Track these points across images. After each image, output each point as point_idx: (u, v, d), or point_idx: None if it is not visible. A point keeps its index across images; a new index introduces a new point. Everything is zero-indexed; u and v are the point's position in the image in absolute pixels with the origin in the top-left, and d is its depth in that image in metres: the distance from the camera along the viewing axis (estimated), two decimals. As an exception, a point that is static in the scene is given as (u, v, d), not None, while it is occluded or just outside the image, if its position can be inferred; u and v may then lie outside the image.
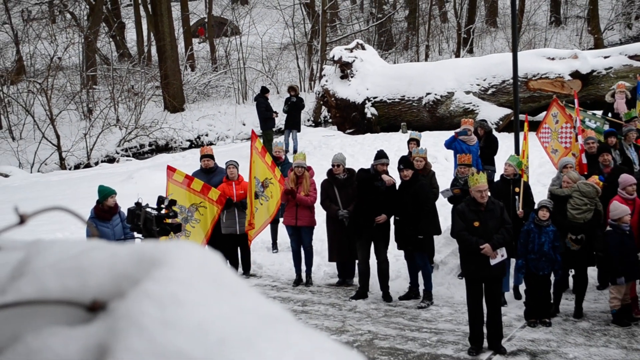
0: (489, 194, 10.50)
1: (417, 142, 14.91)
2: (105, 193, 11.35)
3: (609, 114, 17.27)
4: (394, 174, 13.13)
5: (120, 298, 0.91)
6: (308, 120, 34.66)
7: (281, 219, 14.18)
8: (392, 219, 12.43)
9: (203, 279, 0.94)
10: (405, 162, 12.18)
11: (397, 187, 12.39)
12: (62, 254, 1.00)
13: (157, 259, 0.94)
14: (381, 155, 12.54)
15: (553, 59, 23.91)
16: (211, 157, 13.95)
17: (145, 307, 0.87)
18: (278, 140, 16.50)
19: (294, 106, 23.07)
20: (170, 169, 12.86)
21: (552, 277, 11.34)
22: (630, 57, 23.28)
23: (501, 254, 10.21)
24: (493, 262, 10.13)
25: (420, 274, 12.37)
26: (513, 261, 11.62)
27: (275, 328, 0.91)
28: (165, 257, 0.94)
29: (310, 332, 0.93)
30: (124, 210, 10.70)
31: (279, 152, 15.07)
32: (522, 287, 11.72)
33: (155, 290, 0.90)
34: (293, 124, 23.06)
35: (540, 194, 13.15)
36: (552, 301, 11.34)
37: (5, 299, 0.95)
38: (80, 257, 0.98)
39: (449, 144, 14.97)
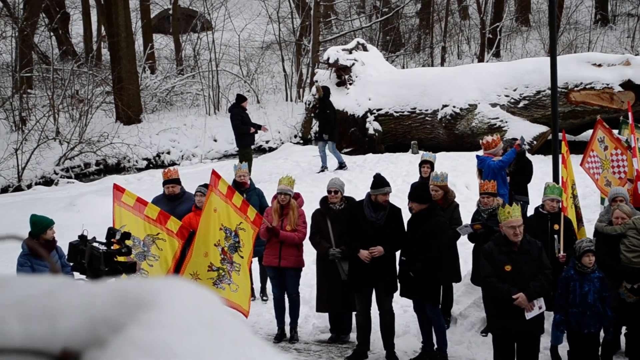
0: (523, 231, 10.49)
1: (432, 166, 14.90)
2: (43, 225, 11.28)
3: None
4: (398, 203, 13.13)
5: (99, 347, 0.92)
6: (295, 136, 34.74)
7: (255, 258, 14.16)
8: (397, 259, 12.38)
9: (199, 324, 0.95)
10: (418, 195, 12.03)
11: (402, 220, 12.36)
12: (24, 293, 1.01)
13: (143, 300, 0.95)
14: (381, 182, 12.24)
15: (600, 65, 24.09)
16: (177, 181, 13.91)
17: (132, 358, 0.88)
18: (243, 163, 16.47)
19: (320, 111, 23.47)
20: (118, 189, 12.48)
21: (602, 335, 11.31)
22: (695, 65, 23.49)
23: (539, 305, 10.21)
24: (529, 315, 10.13)
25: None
26: (551, 315, 11.61)
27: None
28: (153, 298, 0.95)
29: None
30: (63, 244, 10.65)
31: (243, 177, 14.95)
32: (562, 347, 11.71)
33: (142, 337, 0.91)
34: (321, 135, 23.40)
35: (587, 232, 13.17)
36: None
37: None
38: (47, 297, 0.99)
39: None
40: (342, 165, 23.11)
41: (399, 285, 12.23)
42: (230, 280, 12.60)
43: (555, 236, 11.98)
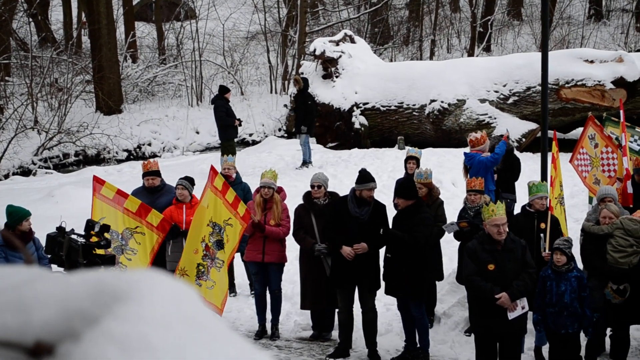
0: (507, 229, 10.54)
1: (417, 162, 14.94)
2: (19, 216, 11.28)
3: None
4: (384, 198, 13.12)
5: (73, 340, 0.92)
6: (280, 129, 34.74)
7: (237, 254, 14.15)
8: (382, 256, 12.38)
9: (178, 319, 0.95)
10: (404, 191, 12.05)
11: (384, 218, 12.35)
12: (-3, 284, 1.01)
13: (120, 293, 0.95)
14: (366, 177, 12.24)
15: (592, 61, 24.14)
16: (157, 174, 13.89)
17: (107, 352, 0.88)
18: (230, 155, 16.47)
19: (300, 103, 23.31)
20: (98, 181, 12.45)
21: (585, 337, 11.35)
22: (689, 63, 23.56)
23: (522, 305, 10.26)
24: (511, 315, 10.18)
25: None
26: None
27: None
28: (131, 291, 0.95)
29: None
30: (41, 236, 10.64)
31: (228, 170, 14.94)
32: (547, 348, 11.75)
33: (118, 330, 0.91)
34: (299, 127, 23.21)
35: (572, 231, 13.22)
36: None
37: None
38: (21, 289, 0.98)
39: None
40: (306, 163, 23.02)
41: (382, 283, 12.26)
42: (207, 277, 12.60)
43: (542, 235, 12.01)
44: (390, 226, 12.10)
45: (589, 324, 10.98)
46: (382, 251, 12.35)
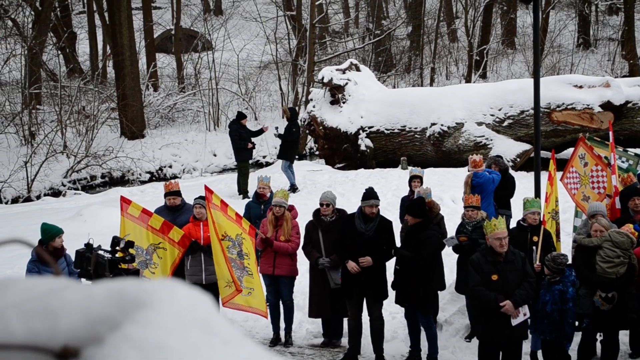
0: (507, 242, 10.52)
1: (421, 180, 14.94)
2: (52, 233, 11.27)
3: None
4: (388, 215, 13.10)
5: (97, 344, 0.93)
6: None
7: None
8: (393, 268, 12.37)
9: (191, 324, 0.96)
10: (413, 210, 12.06)
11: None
12: (27, 294, 1.02)
13: (140, 300, 0.96)
14: (369, 195, 12.27)
15: (581, 87, 24.10)
16: (178, 193, 13.89)
17: (128, 355, 0.89)
18: (264, 175, 16.44)
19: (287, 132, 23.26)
20: (125, 201, 12.53)
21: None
22: (671, 87, 23.51)
23: (523, 312, 10.23)
24: (514, 322, 10.15)
25: (424, 336, 12.28)
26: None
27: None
28: (149, 298, 0.96)
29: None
30: (70, 252, 10.65)
31: (263, 189, 14.98)
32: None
33: (137, 335, 0.91)
34: (283, 154, 23.17)
35: (564, 244, 13.20)
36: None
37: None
38: (49, 298, 0.99)
39: None
40: (293, 188, 22.90)
41: (391, 292, 12.26)
42: (242, 286, 12.63)
43: (534, 247, 12.00)
44: (400, 241, 12.14)
45: (566, 337, 10.97)
46: (392, 263, 12.35)
